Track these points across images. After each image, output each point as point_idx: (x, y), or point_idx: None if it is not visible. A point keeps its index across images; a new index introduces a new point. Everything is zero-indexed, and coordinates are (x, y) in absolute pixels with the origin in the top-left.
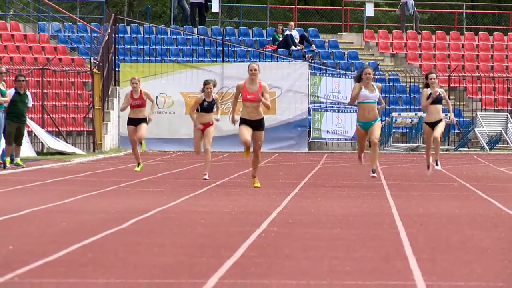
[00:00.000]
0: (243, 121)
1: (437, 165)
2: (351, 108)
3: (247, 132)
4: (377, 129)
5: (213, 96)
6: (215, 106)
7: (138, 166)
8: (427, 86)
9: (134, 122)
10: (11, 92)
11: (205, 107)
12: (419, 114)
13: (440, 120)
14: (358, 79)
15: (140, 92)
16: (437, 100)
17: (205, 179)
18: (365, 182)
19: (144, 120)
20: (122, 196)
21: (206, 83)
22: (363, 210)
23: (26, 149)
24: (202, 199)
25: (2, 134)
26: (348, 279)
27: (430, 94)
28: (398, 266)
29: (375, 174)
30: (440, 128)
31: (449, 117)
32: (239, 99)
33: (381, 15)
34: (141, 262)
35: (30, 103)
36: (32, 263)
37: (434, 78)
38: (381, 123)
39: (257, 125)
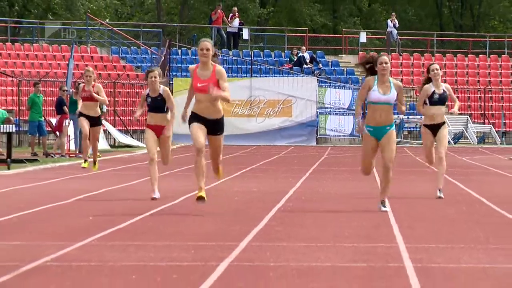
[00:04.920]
0: (196, 116)
1: (439, 191)
2: (349, 111)
3: (201, 132)
4: (391, 147)
5: (160, 90)
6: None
7: (84, 162)
8: (428, 81)
9: (86, 116)
10: None
11: (149, 104)
12: (400, 116)
13: (443, 124)
14: (371, 70)
15: (93, 86)
16: (440, 100)
17: (154, 198)
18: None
19: (97, 120)
20: (175, 179)
21: (149, 71)
22: (358, 190)
23: (102, 143)
24: (236, 181)
25: (77, 133)
26: (347, 242)
27: (434, 92)
28: (385, 232)
29: (385, 208)
30: (444, 143)
31: (454, 111)
32: None
33: (370, 42)
34: (188, 229)
35: (105, 108)
36: (106, 229)
37: (436, 70)
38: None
39: (213, 125)
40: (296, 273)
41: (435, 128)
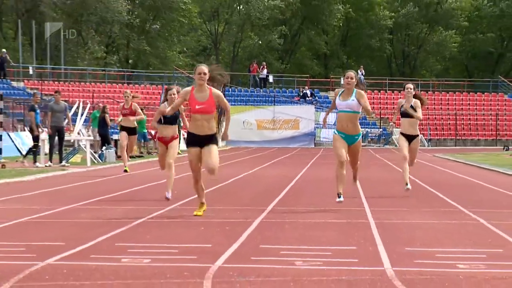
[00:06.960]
0: (191, 139)
1: (406, 184)
2: (334, 126)
3: (195, 158)
4: (357, 157)
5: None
6: (180, 119)
7: (125, 167)
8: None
9: (125, 129)
10: None
11: (168, 117)
12: (366, 129)
13: (415, 137)
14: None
15: (130, 104)
16: (406, 113)
17: (167, 198)
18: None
19: (134, 130)
20: (226, 168)
21: (168, 89)
22: None
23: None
24: (265, 169)
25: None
26: (334, 206)
27: (402, 105)
28: (356, 201)
29: (341, 199)
30: (414, 155)
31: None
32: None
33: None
34: (236, 199)
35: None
36: (185, 199)
37: (410, 89)
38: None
39: (206, 140)
40: (303, 226)
41: (408, 138)
